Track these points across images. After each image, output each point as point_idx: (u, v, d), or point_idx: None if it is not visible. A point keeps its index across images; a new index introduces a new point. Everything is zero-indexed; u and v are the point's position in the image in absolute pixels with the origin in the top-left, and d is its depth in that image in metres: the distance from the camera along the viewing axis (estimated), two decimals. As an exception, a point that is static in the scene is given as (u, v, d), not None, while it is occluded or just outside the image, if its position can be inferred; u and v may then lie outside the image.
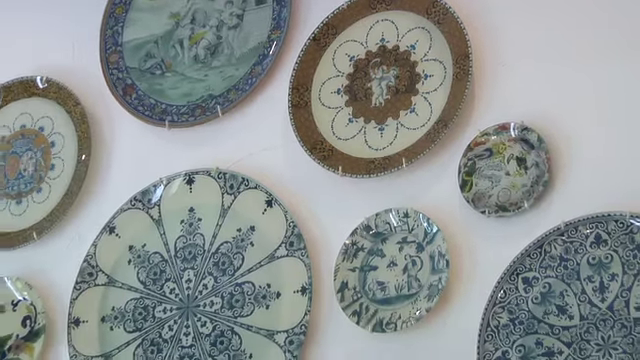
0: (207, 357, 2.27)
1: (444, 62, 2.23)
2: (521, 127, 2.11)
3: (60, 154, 2.55)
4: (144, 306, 2.37)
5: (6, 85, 2.66)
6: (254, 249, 2.30)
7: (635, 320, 1.93)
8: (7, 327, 2.47)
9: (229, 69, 2.45)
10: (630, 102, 2.05)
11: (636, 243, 1.96)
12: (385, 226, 2.19)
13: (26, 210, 2.55)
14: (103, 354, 2.36)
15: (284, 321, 2.22)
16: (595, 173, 2.05)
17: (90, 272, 2.42)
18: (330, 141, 2.29)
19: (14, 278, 2.49)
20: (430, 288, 2.10)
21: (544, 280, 2.03)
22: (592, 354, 1.95)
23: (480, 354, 2.03)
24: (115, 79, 2.53)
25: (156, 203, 2.42)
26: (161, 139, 2.47)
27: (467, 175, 2.13)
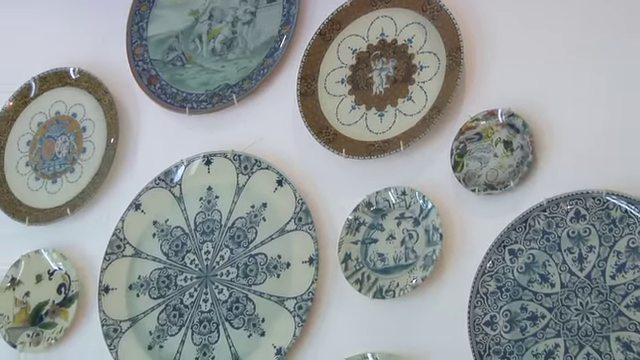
0: (224, 321, 2.27)
1: (438, 54, 2.22)
2: (508, 113, 2.10)
3: (91, 138, 2.55)
4: (167, 275, 2.37)
5: (42, 76, 2.65)
6: (266, 224, 2.30)
7: (610, 288, 1.93)
8: (44, 294, 2.47)
9: (243, 61, 2.45)
10: (607, 90, 2.05)
11: (611, 218, 1.96)
12: (384, 203, 2.18)
13: (60, 189, 2.55)
14: (130, 318, 2.37)
15: (293, 289, 2.23)
16: (575, 155, 2.05)
17: (118, 244, 2.42)
18: (335, 126, 2.28)
19: (50, 250, 2.49)
20: (425, 259, 2.10)
21: (528, 251, 2.02)
22: (572, 318, 1.95)
23: (470, 318, 2.03)
24: (140, 70, 2.53)
25: (177, 182, 2.41)
26: (182, 124, 2.46)
27: (459, 157, 2.13)
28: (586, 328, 1.94)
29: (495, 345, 2.00)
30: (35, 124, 2.65)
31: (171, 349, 2.31)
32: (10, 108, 2.68)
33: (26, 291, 2.50)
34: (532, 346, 1.98)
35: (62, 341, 2.42)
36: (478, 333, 2.02)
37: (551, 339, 1.97)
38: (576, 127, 2.06)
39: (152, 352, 2.32)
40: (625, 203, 1.95)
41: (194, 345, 2.29)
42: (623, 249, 1.94)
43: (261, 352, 2.22)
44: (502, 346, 2.00)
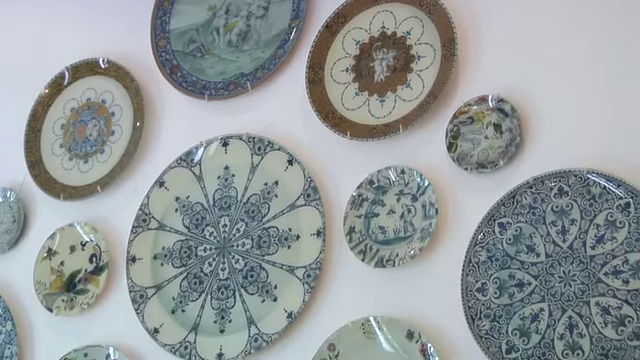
0: (240, 288, 2.28)
1: (434, 45, 2.22)
2: (497, 99, 2.10)
3: (119, 122, 2.55)
4: (188, 246, 2.37)
5: (74, 65, 2.65)
6: (278, 200, 2.30)
7: (590, 257, 1.93)
8: (77, 263, 2.47)
9: (256, 52, 2.44)
10: (588, 78, 2.05)
11: (592, 194, 1.96)
12: (385, 180, 2.18)
13: (91, 168, 2.55)
14: (155, 285, 2.37)
15: (303, 258, 2.23)
16: (558, 136, 2.04)
17: (144, 218, 2.42)
18: (340, 111, 2.28)
19: (83, 223, 2.50)
20: (422, 231, 2.10)
21: (516, 224, 2.02)
22: (555, 285, 1.95)
23: (463, 285, 2.03)
24: (163, 60, 2.53)
25: (197, 162, 2.41)
26: (201, 110, 2.46)
27: (453, 139, 2.13)
28: (568, 294, 1.94)
29: (486, 309, 2.00)
30: (68, 109, 2.65)
31: (192, 313, 2.31)
32: (46, 95, 2.67)
33: (61, 261, 2.50)
34: (519, 310, 1.98)
35: (94, 306, 2.42)
36: (470, 299, 2.02)
37: (536, 304, 1.97)
38: (559, 111, 2.06)
39: (175, 316, 2.32)
40: (604, 180, 1.95)
41: (213, 309, 2.29)
42: (602, 222, 1.94)
43: (273, 316, 2.22)
44: (492, 310, 2.00)
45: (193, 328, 2.29)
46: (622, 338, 1.87)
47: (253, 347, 2.21)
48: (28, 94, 2.68)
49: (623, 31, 2.03)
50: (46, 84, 2.67)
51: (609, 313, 1.89)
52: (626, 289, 1.89)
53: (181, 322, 2.31)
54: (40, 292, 2.48)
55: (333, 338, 2.13)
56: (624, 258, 1.91)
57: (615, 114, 2.01)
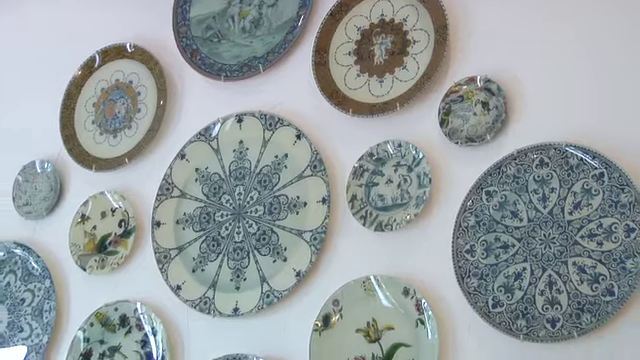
0: (253, 249, 2.28)
1: (428, 31, 2.21)
2: (485, 79, 2.09)
3: (144, 101, 2.54)
4: (207, 212, 2.37)
5: (104, 49, 2.64)
6: (287, 170, 2.30)
7: (568, 222, 1.93)
8: (108, 228, 2.48)
9: (268, 37, 2.43)
10: (568, 60, 2.04)
11: (569, 165, 1.96)
12: (384, 153, 2.18)
13: (120, 142, 2.55)
14: (177, 247, 2.37)
15: (310, 223, 2.23)
16: (540, 113, 2.04)
17: (167, 187, 2.42)
18: (343, 90, 2.27)
19: (112, 192, 2.50)
20: (417, 199, 2.10)
21: (501, 192, 2.02)
22: (536, 247, 1.95)
23: (454, 247, 2.03)
24: (184, 45, 2.52)
25: (215, 136, 2.41)
26: (218, 90, 2.45)
27: (445, 115, 2.12)
28: (548, 254, 1.94)
29: (474, 269, 2.00)
30: (99, 89, 2.65)
31: (211, 272, 2.31)
32: (79, 76, 2.67)
33: (93, 225, 2.50)
34: (504, 269, 1.98)
35: (122, 266, 2.43)
36: (460, 259, 2.02)
37: (519, 264, 1.97)
38: (541, 91, 2.06)
39: (195, 274, 2.32)
40: (581, 152, 1.95)
41: (229, 269, 2.29)
42: (579, 190, 1.94)
43: (283, 274, 2.22)
44: (480, 269, 2.00)
45: (212, 285, 2.30)
46: (596, 294, 1.87)
47: (265, 302, 2.21)
48: (63, 75, 2.68)
49: (604, 17, 2.02)
50: (79, 66, 2.67)
51: (585, 272, 1.89)
52: (600, 250, 1.89)
53: (201, 280, 2.31)
54: (75, 253, 2.49)
55: (337, 294, 2.13)
56: (598, 222, 1.91)
57: (591, 93, 2.01)
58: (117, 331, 2.38)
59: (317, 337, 2.13)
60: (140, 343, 2.35)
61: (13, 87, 2.81)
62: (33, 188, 2.64)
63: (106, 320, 2.40)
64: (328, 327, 2.13)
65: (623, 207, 1.89)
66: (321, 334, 2.13)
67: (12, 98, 2.80)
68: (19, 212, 2.63)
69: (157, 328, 2.33)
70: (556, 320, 1.90)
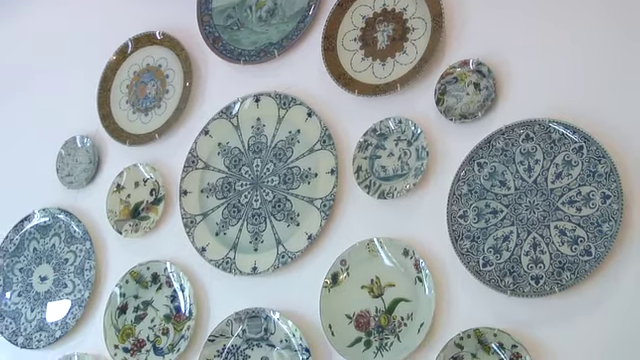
0: (269, 215, 2.28)
1: (425, 19, 2.19)
2: (477, 62, 2.08)
3: (172, 82, 2.54)
4: (228, 182, 2.37)
5: (136, 37, 2.64)
6: (300, 145, 2.29)
7: (551, 190, 1.93)
8: (140, 196, 2.48)
9: (282, 25, 2.41)
10: (552, 44, 2.04)
11: (552, 139, 1.95)
12: (386, 129, 2.17)
13: (151, 120, 2.55)
14: (202, 213, 2.37)
15: (320, 192, 2.22)
16: (526, 93, 2.04)
17: (193, 160, 2.41)
18: (349, 73, 2.26)
19: (144, 164, 2.50)
20: (416, 170, 2.10)
21: (491, 164, 2.02)
22: (522, 212, 1.95)
23: (448, 213, 2.03)
24: (207, 33, 2.51)
25: (235, 114, 2.40)
26: (238, 72, 2.44)
27: (440, 95, 2.11)
28: (532, 219, 1.94)
29: (467, 232, 2.00)
30: (132, 73, 2.64)
31: (232, 235, 2.31)
32: (114, 61, 2.66)
33: (128, 194, 2.50)
34: (493, 232, 1.98)
35: (154, 229, 2.43)
36: (454, 223, 2.02)
37: (507, 227, 1.97)
38: (527, 73, 2.05)
39: (218, 237, 2.33)
40: (562, 128, 1.95)
41: (248, 232, 2.29)
42: (560, 162, 1.94)
43: (296, 237, 2.22)
44: (471, 232, 2.00)
45: (233, 247, 2.30)
46: (575, 254, 1.87)
47: (280, 262, 2.21)
48: (99, 60, 2.67)
49: (587, 6, 2.01)
50: (114, 52, 2.66)
51: (565, 234, 1.89)
52: (579, 215, 1.89)
53: (223, 242, 2.32)
54: (111, 218, 2.50)
55: (344, 255, 2.14)
56: (578, 190, 1.90)
57: (573, 75, 2.00)
58: (149, 287, 2.39)
59: (326, 293, 2.14)
60: (170, 298, 2.36)
61: (56, 71, 2.81)
62: (74, 161, 2.64)
63: (140, 278, 2.40)
64: (336, 284, 2.14)
65: (600, 177, 1.89)
66: (330, 290, 2.14)
67: (55, 81, 2.80)
68: (62, 182, 2.63)
69: (185, 285, 2.34)
70: (539, 277, 1.90)
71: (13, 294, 2.62)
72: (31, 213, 2.65)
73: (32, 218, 2.65)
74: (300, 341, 2.14)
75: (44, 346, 2.50)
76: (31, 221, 2.65)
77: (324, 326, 2.11)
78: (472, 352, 1.94)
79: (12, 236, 2.66)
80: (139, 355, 2.35)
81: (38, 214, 2.64)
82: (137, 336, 2.37)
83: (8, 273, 2.64)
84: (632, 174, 1.87)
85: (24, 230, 2.65)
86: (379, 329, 2.06)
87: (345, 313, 2.11)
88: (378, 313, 2.07)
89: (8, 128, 2.84)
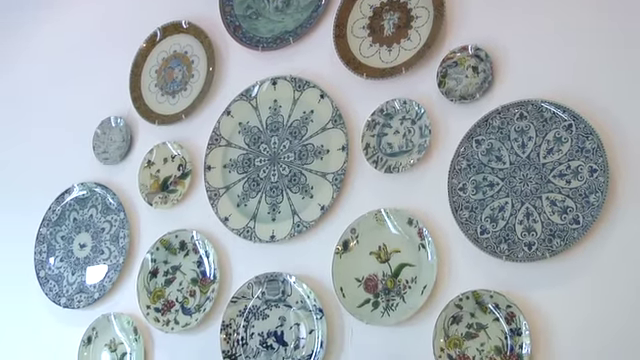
0: (286, 188, 2.28)
1: (428, 8, 2.18)
2: (475, 47, 2.07)
3: (197, 67, 2.53)
4: (248, 158, 2.36)
5: (164, 26, 2.63)
6: (313, 124, 2.28)
7: (542, 164, 1.93)
8: (169, 171, 2.48)
9: (297, 14, 2.40)
10: (544, 31, 2.02)
11: (544, 117, 1.95)
12: (392, 109, 2.16)
13: (178, 101, 2.54)
14: (225, 186, 2.37)
15: (332, 167, 2.22)
16: (521, 76, 2.02)
17: (216, 138, 2.41)
18: (359, 58, 2.25)
19: (172, 142, 2.50)
20: (419, 146, 2.09)
21: (488, 141, 2.01)
22: (516, 185, 1.95)
23: (449, 186, 2.03)
24: (228, 22, 2.49)
25: (254, 96, 2.39)
26: (256, 58, 2.43)
27: (442, 78, 2.10)
28: (526, 191, 1.93)
29: (465, 203, 2.00)
30: (160, 59, 2.63)
31: (252, 206, 2.31)
32: (144, 48, 2.65)
33: (157, 169, 2.51)
34: (490, 203, 1.97)
35: (181, 201, 2.44)
36: (454, 195, 2.02)
37: (502, 198, 1.96)
38: (521, 57, 2.03)
39: (239, 208, 2.33)
40: (553, 107, 1.94)
41: (267, 204, 2.29)
42: (551, 138, 1.93)
43: (310, 208, 2.22)
44: (470, 203, 2.00)
45: (252, 217, 2.30)
46: (565, 223, 1.87)
47: (296, 231, 2.22)
48: (131, 47, 2.66)
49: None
50: (144, 40, 2.65)
51: (555, 205, 1.89)
52: (568, 187, 1.89)
53: (244, 213, 2.32)
54: (143, 191, 2.50)
55: (354, 224, 2.14)
56: (567, 164, 1.90)
57: (563, 58, 1.98)
58: (177, 254, 2.40)
59: (338, 259, 2.14)
60: (196, 263, 2.37)
61: (92, 58, 2.81)
62: (109, 139, 2.64)
63: (169, 245, 2.41)
64: (347, 250, 2.14)
65: (587, 152, 1.88)
66: (341, 256, 2.14)
67: (92, 67, 2.80)
68: (98, 158, 2.64)
69: (209, 251, 2.34)
70: (532, 244, 1.90)
71: (56, 260, 2.63)
72: (71, 187, 2.66)
73: (72, 191, 2.66)
74: (314, 302, 2.14)
75: (84, 306, 2.52)
76: (71, 194, 2.66)
77: (336, 289, 2.11)
78: (470, 312, 1.94)
79: (54, 207, 2.67)
80: (169, 315, 2.36)
81: (77, 188, 2.65)
82: (167, 297, 2.38)
83: (51, 241, 2.66)
84: (617, 150, 1.87)
85: (65, 202, 2.66)
86: (386, 291, 2.07)
87: (355, 277, 2.11)
88: (385, 277, 2.08)
89: (51, 110, 2.84)
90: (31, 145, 2.83)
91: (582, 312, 1.84)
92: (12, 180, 2.83)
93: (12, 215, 2.79)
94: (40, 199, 2.70)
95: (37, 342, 2.61)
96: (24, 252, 2.68)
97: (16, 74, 2.96)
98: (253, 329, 2.23)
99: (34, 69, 2.92)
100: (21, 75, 2.95)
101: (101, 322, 2.47)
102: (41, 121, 2.84)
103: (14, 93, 2.94)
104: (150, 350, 2.39)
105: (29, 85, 2.91)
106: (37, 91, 2.88)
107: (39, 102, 2.86)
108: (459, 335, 1.94)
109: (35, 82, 2.90)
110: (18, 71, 2.96)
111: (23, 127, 2.88)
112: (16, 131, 2.89)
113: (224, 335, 2.25)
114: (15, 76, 2.96)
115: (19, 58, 2.97)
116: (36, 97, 2.87)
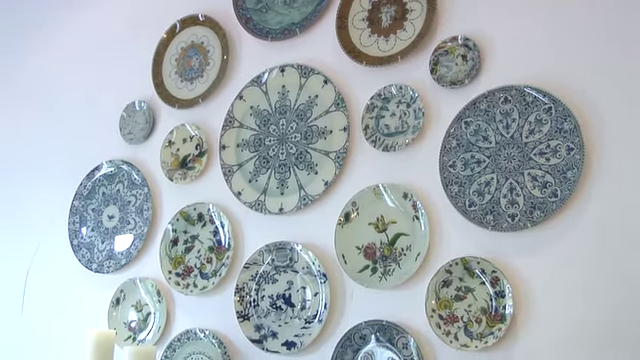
0: (293, 165, 2.27)
1: (421, 1, 2.16)
2: (464, 38, 2.06)
3: (212, 56, 2.51)
4: (259, 138, 2.35)
5: (183, 19, 2.60)
6: (318, 107, 2.27)
7: (525, 143, 1.92)
8: (187, 150, 2.48)
9: (303, 8, 2.37)
10: (529, 22, 2.00)
11: (526, 101, 1.95)
12: (389, 93, 2.15)
13: (195, 87, 2.52)
14: (238, 164, 2.36)
15: (334, 146, 2.21)
16: (506, 63, 2.01)
17: (230, 120, 2.40)
18: (359, 47, 2.23)
19: (190, 123, 2.49)
20: (414, 127, 2.08)
21: (475, 122, 2.00)
22: (501, 162, 1.95)
23: (440, 163, 2.03)
24: (241, 14, 2.47)
25: (264, 82, 2.37)
26: (266, 48, 2.41)
27: (434, 65, 2.09)
28: (509, 167, 1.93)
29: (455, 178, 2.00)
30: (179, 48, 2.61)
31: (262, 182, 2.30)
32: (164, 39, 2.63)
33: (177, 148, 2.50)
34: (477, 179, 1.97)
35: (199, 177, 2.43)
36: (445, 171, 2.02)
37: (489, 174, 1.96)
38: (506, 47, 2.02)
39: (251, 184, 2.32)
40: (535, 92, 1.93)
41: (275, 180, 2.28)
42: (533, 120, 1.93)
43: (315, 183, 2.21)
44: (459, 179, 1.99)
45: (263, 191, 2.29)
46: (544, 196, 1.87)
47: (302, 204, 2.21)
48: (153, 38, 2.64)
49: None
50: (164, 31, 2.63)
51: (536, 180, 1.89)
52: (548, 164, 1.88)
53: (255, 188, 2.31)
54: (164, 168, 2.50)
55: (355, 197, 2.13)
56: (547, 144, 1.90)
57: (544, 48, 1.97)
58: (196, 224, 2.40)
59: (340, 229, 2.14)
60: (212, 233, 2.36)
61: (119, 49, 2.78)
62: (134, 121, 2.63)
63: (188, 216, 2.41)
64: (348, 221, 2.14)
65: (565, 132, 1.87)
66: (343, 227, 2.14)
67: (118, 56, 2.77)
68: (124, 139, 2.63)
69: (224, 222, 2.34)
70: (515, 215, 1.90)
71: (87, 229, 2.64)
72: (100, 164, 2.65)
73: (101, 168, 2.65)
74: (318, 268, 2.14)
75: (112, 271, 2.52)
76: (100, 170, 2.65)
77: (338, 256, 2.11)
78: (459, 277, 1.94)
79: (85, 183, 2.67)
80: (188, 279, 2.37)
81: (105, 165, 2.64)
82: (186, 264, 2.39)
83: (83, 213, 2.66)
84: (593, 130, 1.86)
85: (95, 178, 2.66)
86: (383, 258, 2.07)
87: (355, 245, 2.11)
88: (382, 245, 2.07)
89: (82, 96, 2.83)
90: (65, 128, 2.82)
91: (560, 276, 1.84)
92: (47, 158, 2.83)
93: (48, 189, 2.79)
94: (73, 175, 2.69)
95: (71, 304, 2.62)
96: (59, 223, 2.69)
97: (52, 63, 2.94)
98: (264, 292, 2.23)
99: (68, 59, 2.90)
100: (56, 64, 2.93)
101: (128, 285, 2.48)
102: (73, 106, 2.83)
103: (49, 81, 2.92)
104: (172, 310, 2.40)
105: (62, 73, 2.89)
106: (68, 79, 2.86)
107: (71, 89, 2.84)
108: (449, 297, 1.95)
109: (67, 71, 2.88)
110: (55, 60, 2.94)
111: (58, 112, 2.87)
112: (51, 116, 2.88)
113: (238, 297, 2.25)
114: (51, 64, 2.94)
115: (55, 49, 2.95)
116: (68, 84, 2.86)
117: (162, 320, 2.39)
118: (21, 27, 3.03)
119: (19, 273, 2.76)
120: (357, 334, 2.05)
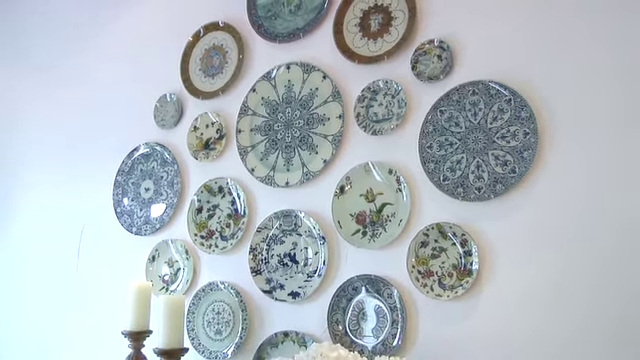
0: (297, 147, 2.25)
1: (404, 11, 2.12)
2: (439, 41, 2.03)
3: (230, 56, 2.48)
4: (269, 124, 2.33)
5: (205, 25, 2.56)
6: (318, 98, 2.24)
7: (489, 129, 1.91)
8: (210, 133, 2.45)
9: (306, 15, 2.33)
10: (499, 24, 1.97)
11: (491, 93, 1.93)
12: (377, 87, 2.12)
13: (216, 82, 2.49)
14: (251, 145, 2.34)
15: (331, 130, 2.19)
16: (474, 62, 1.98)
17: (245, 109, 2.38)
18: (352, 48, 2.20)
19: (212, 112, 2.46)
20: (397, 115, 2.07)
21: (449, 111, 1.98)
22: (470, 144, 1.94)
23: (419, 145, 2.01)
24: (254, 21, 2.43)
25: (273, 77, 2.34)
26: (275, 49, 2.38)
27: (414, 63, 2.06)
28: (477, 149, 1.92)
29: (432, 158, 1.98)
30: (203, 49, 2.57)
31: (271, 160, 2.29)
32: (191, 42, 2.59)
33: (201, 132, 2.47)
34: (450, 158, 1.95)
35: (219, 157, 2.41)
36: (423, 152, 2.00)
37: (459, 154, 1.94)
38: (475, 48, 1.99)
39: (262, 162, 2.30)
40: (498, 86, 1.91)
41: (282, 158, 2.27)
42: (496, 109, 1.91)
43: (315, 162, 2.20)
44: (435, 158, 1.98)
45: (272, 168, 2.28)
46: (505, 172, 1.86)
47: (305, 178, 2.20)
48: (181, 41, 2.60)
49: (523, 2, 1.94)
50: (190, 35, 2.59)
51: (498, 159, 1.87)
52: (508, 146, 1.87)
53: (266, 165, 2.29)
54: (190, 149, 2.48)
55: (348, 173, 2.12)
56: (507, 129, 1.88)
57: (507, 50, 1.94)
58: (216, 195, 2.39)
59: (336, 199, 2.12)
60: (230, 202, 2.35)
61: (153, 50, 2.74)
62: (165, 110, 2.61)
63: (210, 189, 2.40)
64: (343, 193, 2.12)
65: (522, 119, 1.86)
66: (339, 197, 2.12)
67: (152, 56, 2.74)
68: (158, 125, 2.60)
69: (240, 194, 2.33)
70: (481, 188, 1.88)
71: (128, 199, 2.62)
72: (138, 145, 2.63)
73: (139, 149, 2.63)
74: (318, 232, 2.13)
75: (149, 234, 2.52)
76: (138, 151, 2.63)
77: (334, 221, 2.11)
78: (435, 239, 1.94)
79: (126, 161, 2.65)
80: (211, 240, 2.36)
81: (142, 146, 2.62)
82: (209, 228, 2.38)
83: (124, 186, 2.64)
84: (545, 118, 1.85)
85: (134, 157, 2.64)
86: (372, 223, 2.05)
87: (349, 213, 2.10)
88: (371, 213, 2.06)
89: (122, 90, 2.80)
90: (109, 116, 2.79)
91: (517, 239, 1.84)
92: (96, 142, 2.81)
93: (96, 166, 2.78)
94: (116, 155, 2.67)
95: (116, 260, 2.62)
96: (105, 195, 2.67)
97: (98, 60, 2.90)
98: (273, 251, 2.22)
99: (111, 57, 2.87)
100: (102, 62, 2.89)
101: (161, 246, 2.47)
102: (116, 98, 2.80)
103: (96, 76, 2.89)
104: (198, 266, 2.40)
105: (106, 69, 2.86)
106: (111, 74, 2.83)
107: (114, 83, 2.81)
108: (426, 256, 1.94)
109: (110, 67, 2.85)
110: (100, 59, 2.90)
111: (103, 103, 2.83)
112: (98, 107, 2.85)
113: (251, 256, 2.25)
114: (97, 61, 2.90)
115: (98, 47, 2.91)
116: (110, 79, 2.83)
117: (190, 274, 2.39)
118: (75, 26, 2.98)
119: (74, 236, 2.75)
120: (350, 286, 2.05)
